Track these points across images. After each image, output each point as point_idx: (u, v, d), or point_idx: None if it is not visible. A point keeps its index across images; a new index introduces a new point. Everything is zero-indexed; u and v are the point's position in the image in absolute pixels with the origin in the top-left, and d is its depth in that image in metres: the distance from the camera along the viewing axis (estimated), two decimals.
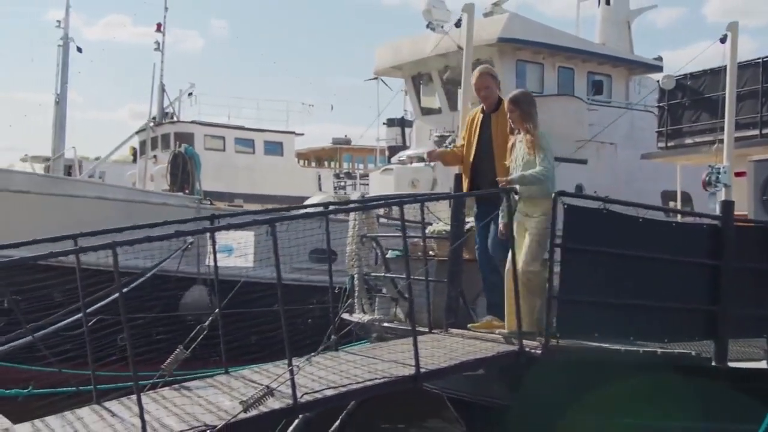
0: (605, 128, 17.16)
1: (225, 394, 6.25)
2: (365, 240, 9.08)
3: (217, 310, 7.39)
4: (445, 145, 13.44)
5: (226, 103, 34.02)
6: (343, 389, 6.09)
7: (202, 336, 7.08)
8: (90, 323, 6.77)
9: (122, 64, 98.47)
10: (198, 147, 22.90)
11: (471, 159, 8.03)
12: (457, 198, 8.20)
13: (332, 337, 7.82)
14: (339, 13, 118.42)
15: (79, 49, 27.81)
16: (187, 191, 16.57)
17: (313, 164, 35.59)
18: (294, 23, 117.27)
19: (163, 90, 25.05)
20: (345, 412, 9.81)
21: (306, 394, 5.90)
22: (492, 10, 19.66)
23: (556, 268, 6.93)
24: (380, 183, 19.75)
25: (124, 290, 5.98)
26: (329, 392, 6.00)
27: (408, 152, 19.97)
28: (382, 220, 10.52)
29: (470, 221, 8.45)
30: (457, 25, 9.29)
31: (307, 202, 23.51)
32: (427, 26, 19.76)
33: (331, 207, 8.58)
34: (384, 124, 27.90)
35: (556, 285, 6.91)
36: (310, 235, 8.81)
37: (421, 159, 18.71)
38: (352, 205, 9.09)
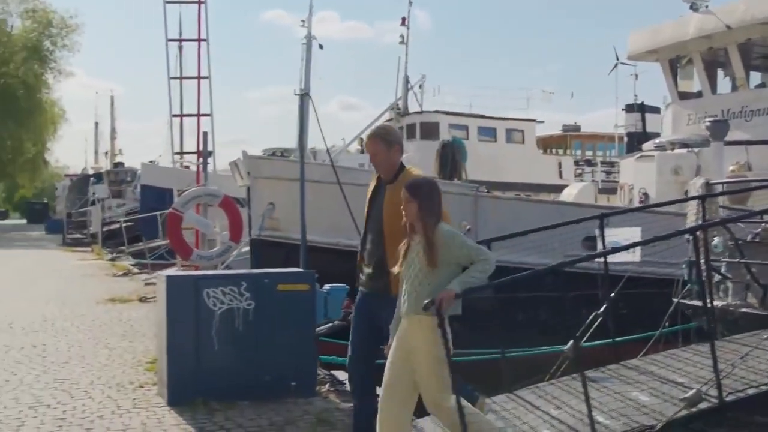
0: None
1: (636, 389, 6.19)
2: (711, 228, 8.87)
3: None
4: None
5: (464, 92, 34.40)
6: (765, 387, 5.89)
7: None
8: None
9: (330, 58, 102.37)
10: (442, 136, 23.20)
11: (362, 234, 6.29)
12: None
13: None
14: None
15: (321, 46, 29.10)
16: (456, 179, 16.79)
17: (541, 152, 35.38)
18: (497, 12, 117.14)
19: (407, 82, 25.64)
20: None
21: (730, 393, 5.76)
22: None
23: None
24: (635, 170, 19.21)
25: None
26: (751, 391, 5.84)
27: (668, 138, 19.29)
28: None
29: None
30: None
31: (566, 191, 23.41)
32: (691, 7, 19.05)
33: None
34: (623, 110, 27.15)
35: None
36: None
37: (684, 145, 18.07)
38: None
